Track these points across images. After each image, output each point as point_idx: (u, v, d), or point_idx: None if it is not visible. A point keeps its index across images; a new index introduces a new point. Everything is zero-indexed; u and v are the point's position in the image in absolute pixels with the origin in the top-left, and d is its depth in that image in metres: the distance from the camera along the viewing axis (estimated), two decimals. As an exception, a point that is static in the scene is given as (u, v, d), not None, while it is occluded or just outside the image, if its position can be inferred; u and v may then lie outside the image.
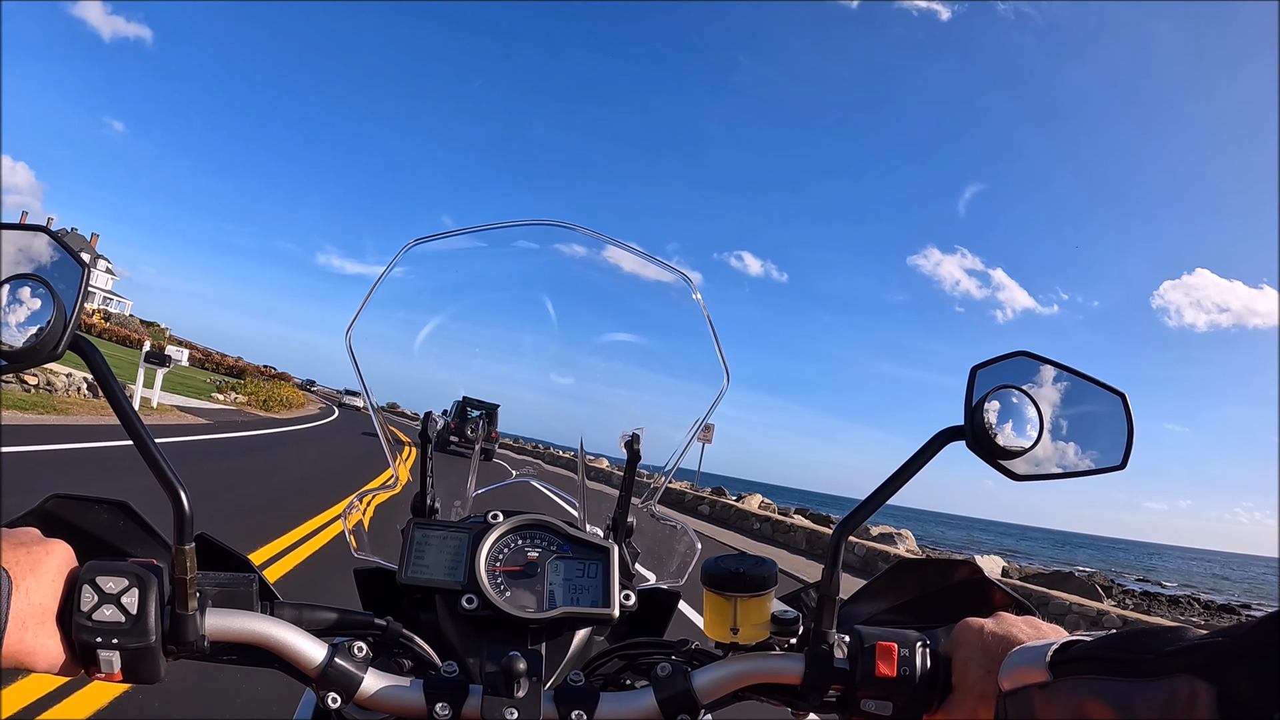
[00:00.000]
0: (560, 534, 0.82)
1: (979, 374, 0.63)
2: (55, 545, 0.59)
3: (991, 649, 0.59)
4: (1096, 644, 0.50)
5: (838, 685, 0.64)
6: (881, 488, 0.64)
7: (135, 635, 0.57)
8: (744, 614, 0.65)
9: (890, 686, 0.62)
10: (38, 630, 0.55)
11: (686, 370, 1.02)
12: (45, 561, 0.57)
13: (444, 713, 0.64)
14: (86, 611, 0.57)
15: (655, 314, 1.07)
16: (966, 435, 0.63)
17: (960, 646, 0.62)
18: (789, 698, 0.67)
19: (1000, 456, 0.62)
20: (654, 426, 0.94)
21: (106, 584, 0.57)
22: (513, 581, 0.78)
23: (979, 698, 0.59)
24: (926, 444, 0.64)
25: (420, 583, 0.77)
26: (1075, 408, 0.65)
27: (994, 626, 0.61)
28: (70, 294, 0.57)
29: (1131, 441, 0.64)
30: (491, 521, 0.81)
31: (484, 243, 0.99)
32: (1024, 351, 0.65)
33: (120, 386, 0.59)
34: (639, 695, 0.67)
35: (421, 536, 0.80)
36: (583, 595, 0.78)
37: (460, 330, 1.08)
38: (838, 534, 0.64)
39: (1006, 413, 0.62)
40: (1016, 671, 0.54)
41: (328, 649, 0.64)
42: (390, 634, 0.70)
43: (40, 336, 0.55)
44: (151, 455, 0.59)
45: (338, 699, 0.64)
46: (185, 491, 0.59)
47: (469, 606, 0.75)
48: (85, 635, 0.57)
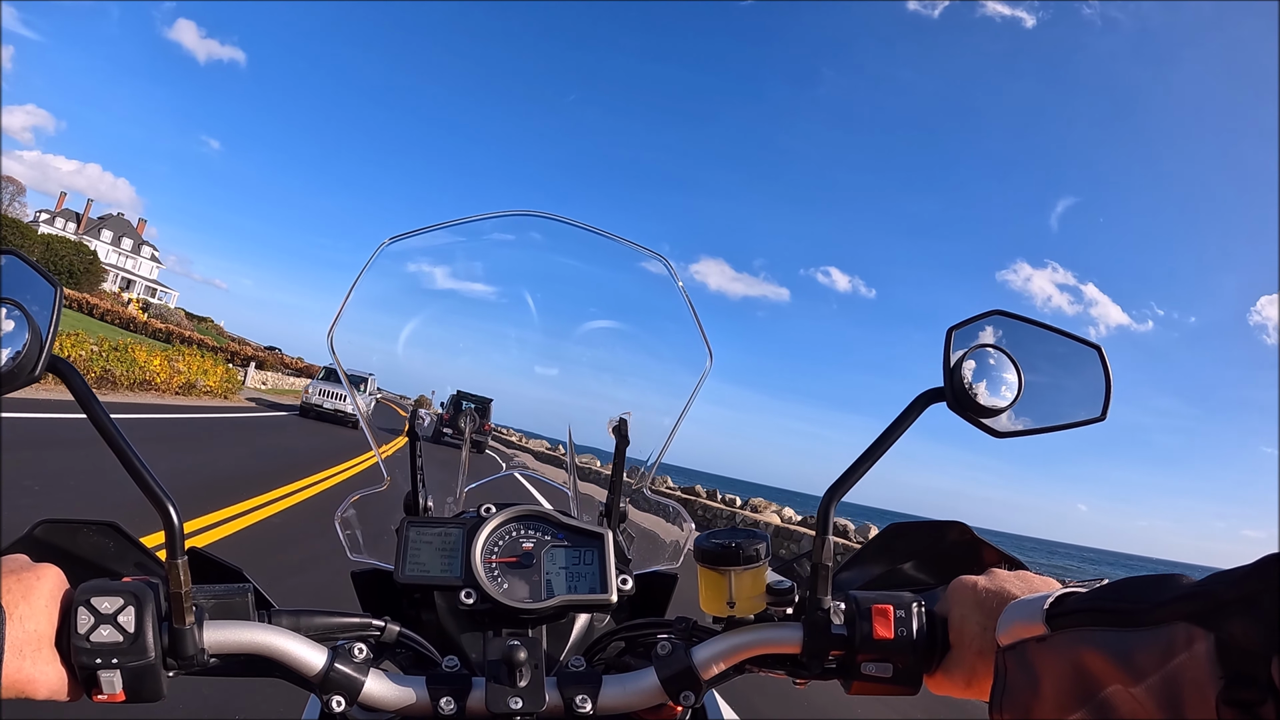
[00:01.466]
0: (554, 523, 0.83)
1: (955, 335, 0.64)
2: (46, 570, 0.58)
3: (987, 605, 0.60)
4: (1092, 595, 0.50)
5: (837, 651, 0.65)
6: (866, 453, 0.65)
7: (135, 654, 0.57)
8: (739, 587, 0.66)
9: (889, 648, 0.63)
10: (35, 658, 0.55)
11: (671, 353, 1.02)
12: (37, 587, 0.56)
13: (449, 707, 0.65)
14: (84, 634, 0.56)
15: (637, 298, 1.07)
16: (947, 396, 0.64)
17: (955, 605, 0.63)
18: (790, 667, 0.68)
19: (981, 414, 0.63)
20: (641, 412, 0.94)
21: (102, 605, 0.57)
22: (509, 573, 0.78)
23: (977, 654, 0.60)
24: (908, 407, 0.65)
25: (417, 581, 0.77)
26: (1052, 363, 0.66)
27: (988, 583, 0.61)
28: (45, 315, 0.56)
29: (1110, 392, 0.65)
30: (485, 515, 0.81)
31: (462, 236, 0.99)
32: (999, 310, 0.65)
33: (102, 405, 0.59)
34: (641, 675, 0.67)
35: (416, 535, 0.80)
36: (580, 583, 0.79)
37: (441, 325, 1.07)
38: (826, 500, 0.64)
39: (984, 372, 0.63)
40: (1013, 626, 0.54)
41: (328, 653, 0.64)
42: (390, 634, 0.70)
43: (17, 360, 0.55)
44: (138, 471, 0.58)
45: (342, 702, 0.64)
46: (174, 506, 0.58)
47: (468, 601, 0.75)
48: (85, 658, 0.56)
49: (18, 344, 0.55)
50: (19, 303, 0.56)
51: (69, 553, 0.69)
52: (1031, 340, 0.65)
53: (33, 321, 0.56)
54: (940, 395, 0.64)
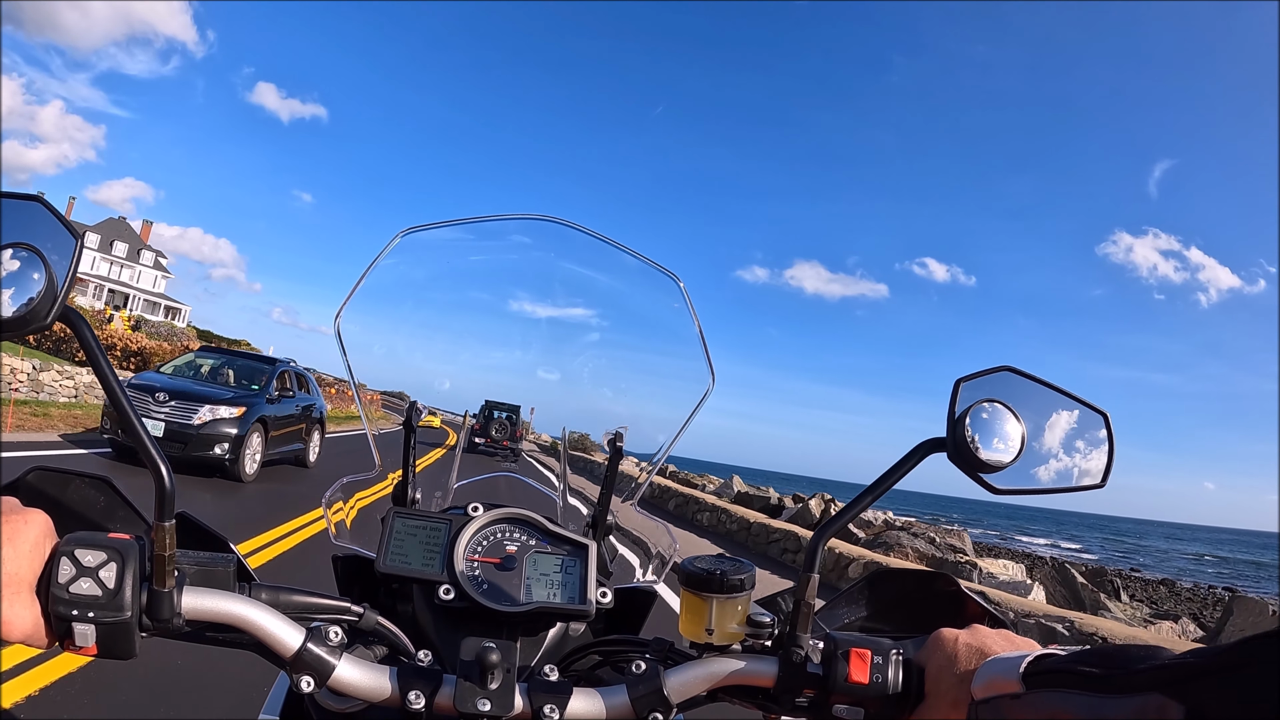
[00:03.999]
0: (539, 529, 0.82)
1: (963, 386, 0.64)
2: (34, 515, 0.58)
3: (965, 659, 0.60)
4: (1070, 658, 0.51)
5: (810, 690, 0.64)
6: (861, 496, 0.65)
7: (111, 610, 0.57)
8: (720, 615, 0.66)
9: (862, 693, 0.62)
10: (13, 600, 0.55)
11: (673, 371, 1.02)
12: (23, 531, 0.56)
13: (417, 701, 0.64)
14: (64, 584, 0.56)
15: (645, 313, 1.07)
16: (948, 447, 0.64)
17: (934, 656, 0.63)
18: (761, 700, 0.67)
19: (981, 470, 0.63)
20: (638, 425, 0.94)
21: (85, 557, 0.57)
22: (490, 574, 0.78)
23: (951, 705, 0.60)
24: (908, 454, 0.65)
25: (398, 571, 0.77)
26: (1058, 425, 0.66)
27: (968, 638, 0.61)
28: (62, 265, 0.57)
29: (1112, 460, 0.65)
30: (471, 514, 0.81)
31: (478, 235, 0.99)
32: (1009, 366, 0.65)
33: (109, 361, 0.59)
34: (612, 692, 0.67)
35: (401, 526, 0.79)
36: (559, 591, 0.78)
37: (449, 321, 1.08)
38: (814, 540, 0.64)
39: (989, 426, 0.62)
40: (990, 681, 0.54)
41: (303, 632, 0.64)
42: (366, 621, 0.69)
43: (30, 306, 0.55)
44: (136, 432, 0.58)
45: (311, 683, 0.63)
46: (168, 468, 0.58)
47: (445, 597, 0.75)
48: (61, 608, 0.56)
49: (33, 290, 0.55)
50: (39, 250, 0.56)
51: (59, 502, 0.69)
52: (1039, 399, 0.65)
53: (50, 269, 0.56)
54: (942, 445, 0.64)
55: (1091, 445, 0.66)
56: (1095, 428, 0.66)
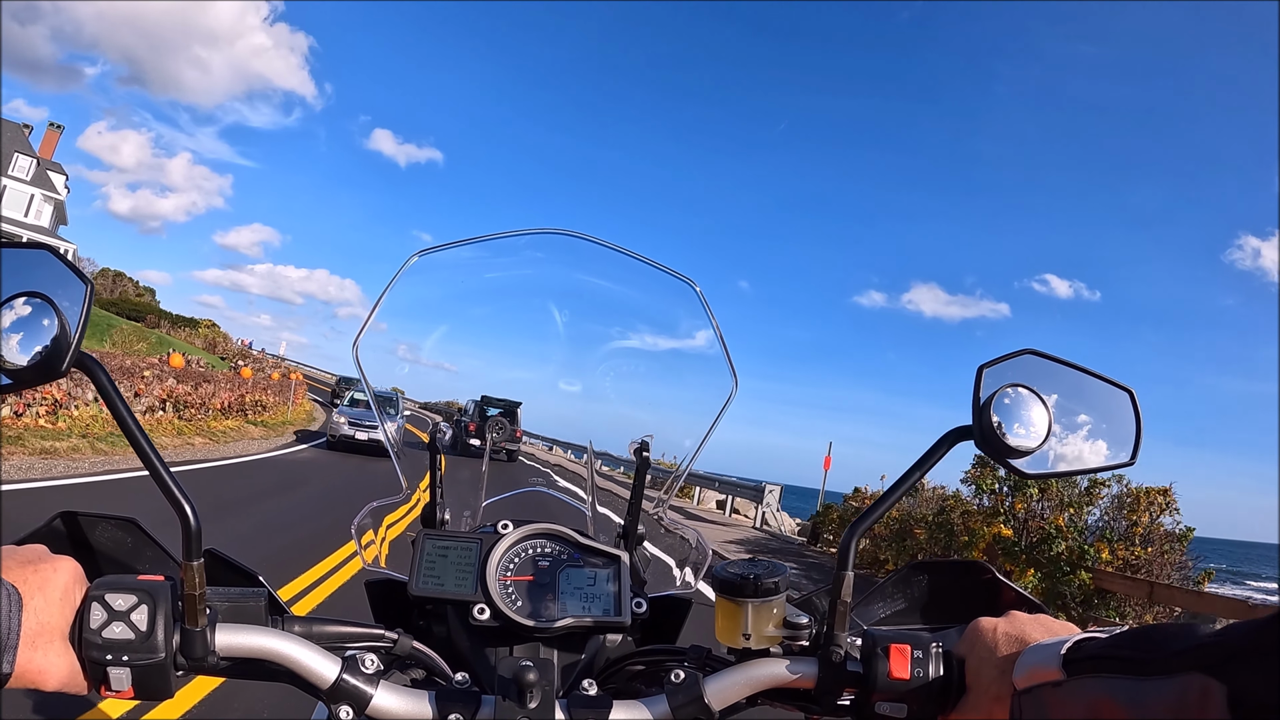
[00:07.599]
0: (571, 543, 0.82)
1: (986, 373, 0.63)
2: (63, 562, 0.59)
3: (1005, 648, 0.59)
4: (1109, 642, 0.50)
5: (851, 689, 0.64)
6: (891, 489, 0.64)
7: (145, 652, 0.57)
8: (756, 619, 0.65)
9: (904, 689, 0.62)
10: (47, 649, 0.55)
11: (695, 377, 1.02)
12: (53, 579, 0.57)
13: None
14: (96, 629, 0.57)
15: (663, 321, 1.07)
16: (975, 434, 0.63)
17: (973, 647, 0.62)
18: (802, 702, 0.67)
19: (1009, 455, 0.62)
20: (664, 433, 0.94)
21: (116, 601, 0.58)
22: (524, 591, 0.78)
23: (993, 698, 0.59)
24: (935, 444, 0.64)
25: (431, 594, 0.77)
26: (1083, 405, 0.65)
27: (1006, 626, 0.61)
28: (74, 312, 0.57)
29: (1140, 437, 0.64)
30: (501, 531, 0.81)
31: (492, 253, 1.00)
32: (1031, 349, 0.64)
33: (127, 405, 0.59)
34: (652, 702, 0.67)
35: (432, 548, 0.80)
36: (594, 604, 0.78)
37: (469, 339, 1.08)
38: (847, 536, 0.63)
39: (1014, 411, 0.62)
40: (1030, 670, 0.54)
41: (339, 662, 0.64)
42: (401, 646, 0.70)
43: (44, 355, 0.55)
44: (159, 473, 0.59)
45: (350, 712, 0.64)
46: (193, 508, 0.59)
47: (480, 617, 0.75)
48: (95, 653, 0.57)
49: (46, 339, 0.55)
50: (50, 298, 0.56)
51: (87, 546, 0.70)
52: (1063, 381, 0.65)
53: (62, 317, 0.56)
54: (968, 433, 0.63)
55: (1119, 423, 0.65)
56: (1122, 405, 0.65)
